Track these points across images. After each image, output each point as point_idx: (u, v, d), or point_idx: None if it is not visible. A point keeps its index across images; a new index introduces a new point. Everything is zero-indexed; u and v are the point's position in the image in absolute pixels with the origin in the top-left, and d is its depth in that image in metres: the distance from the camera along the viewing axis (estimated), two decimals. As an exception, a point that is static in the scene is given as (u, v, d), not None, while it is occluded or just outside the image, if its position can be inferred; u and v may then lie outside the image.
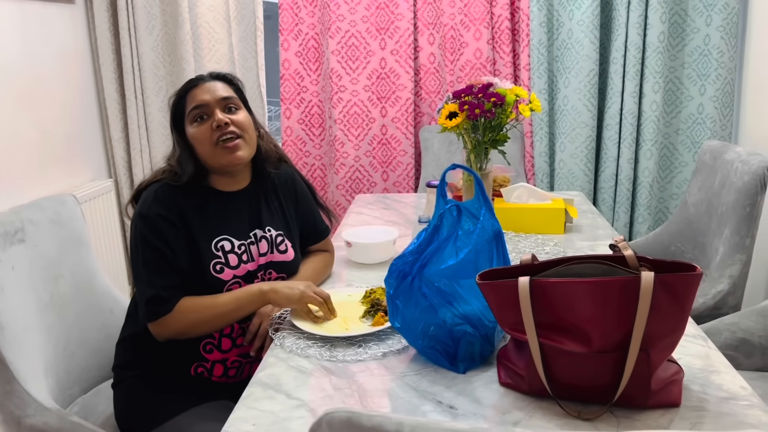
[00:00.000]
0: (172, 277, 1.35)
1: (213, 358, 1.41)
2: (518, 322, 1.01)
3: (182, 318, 1.33)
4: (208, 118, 1.39)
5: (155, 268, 1.34)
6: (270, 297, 1.35)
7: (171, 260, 1.35)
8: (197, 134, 1.39)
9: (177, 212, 1.37)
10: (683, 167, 2.85)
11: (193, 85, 1.42)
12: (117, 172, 3.00)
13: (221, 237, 1.41)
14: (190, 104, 1.40)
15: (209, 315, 1.34)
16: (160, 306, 1.32)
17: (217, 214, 1.43)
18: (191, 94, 1.41)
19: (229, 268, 1.40)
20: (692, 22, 2.71)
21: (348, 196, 3.14)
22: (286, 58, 3.05)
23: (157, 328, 1.34)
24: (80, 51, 2.83)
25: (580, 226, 2.03)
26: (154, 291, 1.32)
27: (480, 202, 1.28)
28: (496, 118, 1.89)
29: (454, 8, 2.92)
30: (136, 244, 1.36)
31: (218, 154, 1.39)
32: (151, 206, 1.36)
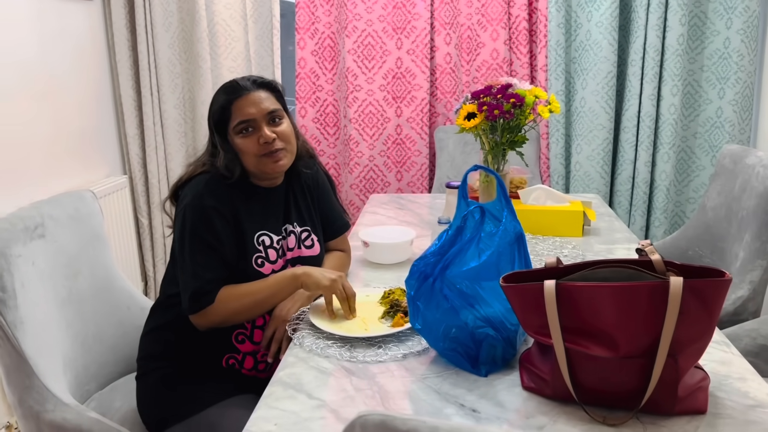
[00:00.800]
0: (217, 270, 1.36)
1: (245, 349, 1.42)
2: (543, 326, 1.00)
3: (223, 308, 1.35)
4: (254, 132, 1.40)
5: (202, 260, 1.35)
6: (302, 280, 1.38)
7: (219, 252, 1.36)
8: (243, 146, 1.40)
9: (229, 205, 1.39)
10: (701, 171, 2.82)
11: (237, 95, 1.40)
12: (132, 169, 3.01)
13: (262, 232, 1.44)
14: (237, 117, 1.40)
15: (248, 303, 1.37)
16: (203, 297, 1.34)
17: (258, 209, 1.45)
18: (237, 106, 1.40)
19: (269, 262, 1.43)
20: (712, 25, 2.68)
21: (362, 195, 3.14)
22: (302, 56, 3.04)
23: (199, 319, 1.36)
24: (97, 47, 2.84)
25: (597, 229, 2.01)
26: (198, 284, 1.33)
27: (502, 204, 1.27)
28: (515, 119, 1.87)
29: (471, 8, 2.90)
30: (183, 234, 1.36)
31: (263, 164, 1.41)
32: (203, 197, 1.36)
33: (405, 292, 1.38)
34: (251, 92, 1.40)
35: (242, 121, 1.39)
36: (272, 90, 1.46)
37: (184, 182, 1.43)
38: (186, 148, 3.07)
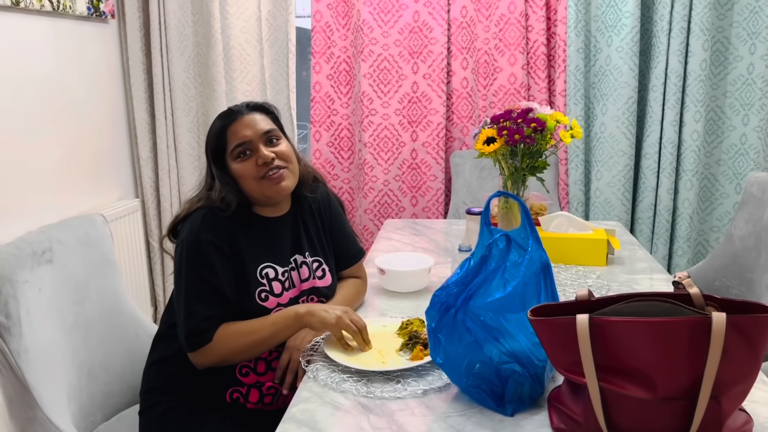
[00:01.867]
0: (214, 307, 1.31)
1: (249, 381, 1.37)
2: (575, 363, 0.94)
3: (221, 347, 1.29)
4: (252, 154, 1.36)
5: (198, 297, 1.30)
6: (306, 320, 1.31)
7: (216, 288, 1.31)
8: (242, 171, 1.36)
9: (227, 239, 1.34)
10: (724, 199, 2.75)
11: (232, 119, 1.37)
12: (144, 192, 2.98)
13: (265, 264, 1.39)
14: (233, 141, 1.36)
15: (248, 342, 1.31)
16: (201, 336, 1.29)
17: (261, 240, 1.40)
18: (232, 130, 1.36)
19: (273, 296, 1.37)
20: (735, 51, 2.64)
21: (376, 220, 3.09)
22: (317, 80, 3.02)
23: (198, 358, 1.31)
24: (112, 70, 2.84)
25: (621, 258, 1.95)
26: (195, 321, 1.29)
27: (527, 232, 1.21)
28: (536, 144, 1.83)
29: (488, 33, 2.88)
30: (179, 270, 1.32)
31: (264, 187, 1.37)
32: (200, 232, 1.32)
33: (423, 322, 1.33)
34: (245, 115, 1.38)
35: (239, 144, 1.35)
36: (267, 112, 1.43)
37: (183, 218, 1.39)
38: (199, 171, 3.05)
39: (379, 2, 2.89)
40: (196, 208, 1.37)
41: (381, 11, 2.90)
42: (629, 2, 2.62)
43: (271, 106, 1.46)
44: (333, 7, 2.96)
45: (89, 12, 2.58)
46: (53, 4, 2.36)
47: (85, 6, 2.56)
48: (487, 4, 2.86)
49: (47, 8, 2.33)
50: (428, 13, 2.90)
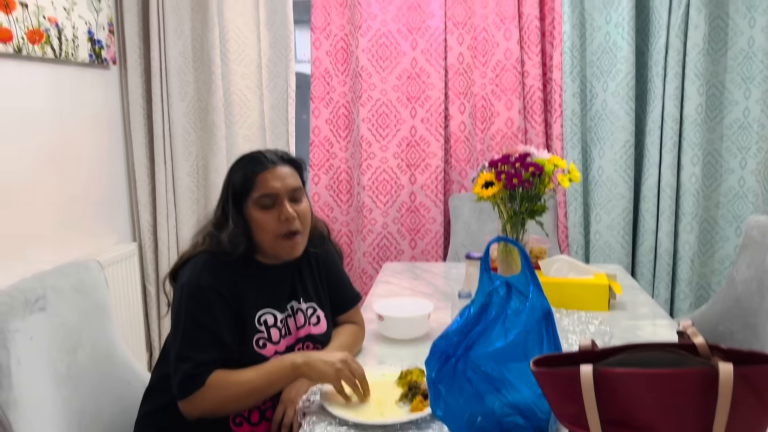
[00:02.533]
0: (210, 352, 1.27)
1: (241, 431, 1.34)
2: (579, 416, 0.91)
3: (212, 394, 1.26)
4: (275, 207, 1.36)
5: (195, 341, 1.27)
6: (303, 371, 1.28)
7: (214, 334, 1.28)
8: (262, 221, 1.36)
9: (229, 284, 1.32)
10: (725, 242, 2.74)
11: (264, 167, 1.37)
12: (142, 236, 2.97)
13: (264, 311, 1.37)
14: (260, 190, 1.35)
15: (240, 391, 1.27)
16: (192, 380, 1.25)
17: (261, 287, 1.39)
18: (262, 178, 1.36)
19: (271, 343, 1.35)
20: (730, 95, 2.66)
21: (375, 263, 3.07)
22: (316, 125, 3.04)
23: (188, 406, 1.27)
24: (112, 115, 2.85)
25: (623, 303, 1.92)
26: (188, 367, 1.25)
27: (527, 278, 1.19)
28: (534, 188, 1.82)
29: (485, 78, 2.91)
30: (178, 314, 1.30)
31: (279, 247, 1.37)
32: (201, 276, 1.30)
33: (423, 372, 1.30)
34: (277, 166, 1.37)
35: (266, 194, 1.35)
36: (296, 167, 1.43)
37: (185, 261, 1.37)
38: (197, 215, 3.04)
39: (378, 49, 2.94)
40: (199, 252, 1.36)
41: (379, 58, 2.94)
42: (624, 48, 2.66)
43: (301, 162, 1.46)
44: (332, 54, 3.00)
45: (91, 59, 2.62)
46: (55, 51, 2.39)
47: (87, 53, 2.59)
48: (483, 51, 2.91)
49: (49, 55, 2.35)
50: (425, 59, 2.94)
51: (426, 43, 2.93)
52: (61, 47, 2.42)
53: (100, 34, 2.68)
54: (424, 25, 2.92)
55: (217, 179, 2.95)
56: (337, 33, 2.99)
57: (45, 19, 2.32)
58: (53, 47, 2.37)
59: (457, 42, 2.93)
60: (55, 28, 2.38)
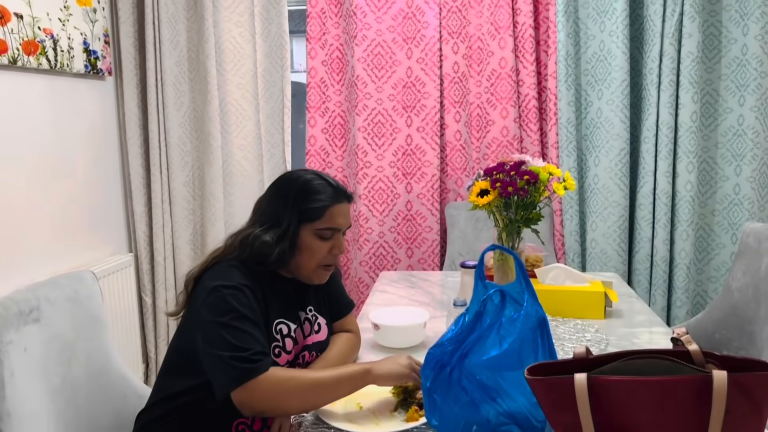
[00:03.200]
0: (263, 345, 1.23)
1: None
2: (574, 424, 0.91)
3: (277, 383, 1.18)
4: (330, 239, 1.39)
5: (245, 335, 1.21)
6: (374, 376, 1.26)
7: (261, 330, 1.25)
8: (315, 249, 1.37)
9: (259, 289, 1.32)
10: (721, 249, 2.74)
11: (338, 201, 1.39)
12: (138, 247, 2.96)
13: (280, 320, 1.36)
14: (328, 222, 1.37)
15: (303, 384, 1.21)
16: (252, 368, 1.17)
17: (278, 298, 1.38)
18: (334, 211, 1.37)
19: (285, 352, 1.34)
20: (725, 102, 2.67)
21: (371, 272, 3.06)
22: (312, 134, 3.05)
23: (246, 394, 1.17)
24: (108, 126, 2.86)
25: (619, 310, 1.92)
26: (246, 354, 1.18)
27: (522, 286, 1.19)
28: (529, 196, 1.83)
29: (480, 87, 2.92)
30: (216, 312, 1.24)
31: (315, 274, 1.40)
32: (235, 278, 1.29)
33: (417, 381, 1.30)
34: (348, 203, 1.42)
35: (332, 228, 1.37)
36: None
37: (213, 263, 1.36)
38: (194, 225, 3.04)
39: (373, 59, 2.95)
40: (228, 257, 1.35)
41: (375, 67, 2.95)
42: (618, 57, 2.67)
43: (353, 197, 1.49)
44: (328, 63, 3.01)
45: (86, 70, 2.62)
46: (51, 62, 2.39)
47: (83, 64, 2.60)
48: (478, 60, 2.92)
49: (45, 66, 2.36)
50: (421, 69, 2.95)
51: (421, 52, 2.94)
52: (56, 58, 2.42)
53: (95, 45, 2.68)
54: (419, 34, 2.94)
55: (214, 189, 2.95)
56: (333, 43, 3.00)
57: (40, 30, 2.33)
58: (48, 58, 2.38)
59: (452, 51, 2.94)
60: (50, 39, 2.39)
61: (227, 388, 1.18)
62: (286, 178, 1.43)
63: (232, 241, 1.39)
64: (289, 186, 1.39)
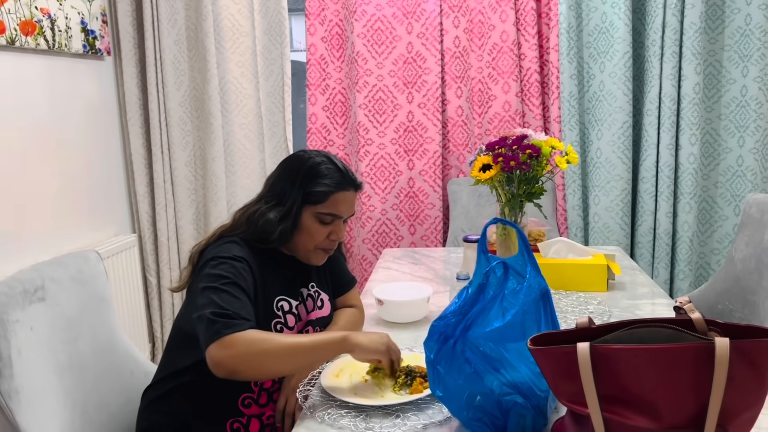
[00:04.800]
0: (248, 312, 1.22)
1: (250, 412, 1.35)
2: (577, 393, 0.91)
3: (251, 342, 1.15)
4: (330, 224, 1.39)
5: (232, 299, 1.21)
6: (352, 345, 1.22)
7: (249, 299, 1.26)
8: (313, 231, 1.38)
9: (256, 266, 1.33)
10: (723, 221, 2.74)
11: (343, 188, 1.39)
12: (141, 227, 2.97)
13: (281, 297, 1.38)
14: (330, 208, 1.38)
15: (279, 346, 1.18)
16: (230, 324, 1.16)
17: (279, 274, 1.40)
18: (337, 197, 1.38)
19: (287, 328, 1.37)
20: (728, 73, 2.65)
21: (374, 250, 3.07)
22: (313, 112, 3.03)
23: (220, 350, 1.14)
24: (108, 106, 2.85)
25: (622, 283, 1.93)
26: (227, 313, 1.18)
27: (525, 259, 1.19)
28: (532, 170, 1.82)
29: (482, 62, 2.90)
30: (210, 278, 1.24)
31: (312, 255, 1.41)
32: (233, 250, 1.31)
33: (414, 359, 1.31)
34: (353, 191, 1.42)
35: (333, 214, 1.38)
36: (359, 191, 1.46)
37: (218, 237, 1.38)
38: (196, 204, 3.04)
39: (373, 35, 2.92)
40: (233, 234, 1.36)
41: (375, 43, 2.93)
42: (620, 29, 2.65)
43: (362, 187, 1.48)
44: (327, 40, 2.99)
45: (85, 50, 2.60)
46: (48, 42, 2.38)
47: (81, 44, 2.58)
48: (479, 34, 2.89)
49: (42, 47, 2.34)
50: (421, 44, 2.92)
51: (421, 27, 2.92)
52: (54, 38, 2.41)
53: (93, 25, 2.66)
54: (419, 9, 2.91)
55: (215, 168, 2.95)
56: (332, 18, 2.98)
57: (37, 10, 2.31)
58: (46, 38, 2.36)
59: (453, 25, 2.91)
60: (47, 18, 2.37)
61: (205, 344, 1.16)
62: (297, 157, 1.43)
63: (239, 216, 1.40)
64: (299, 166, 1.39)
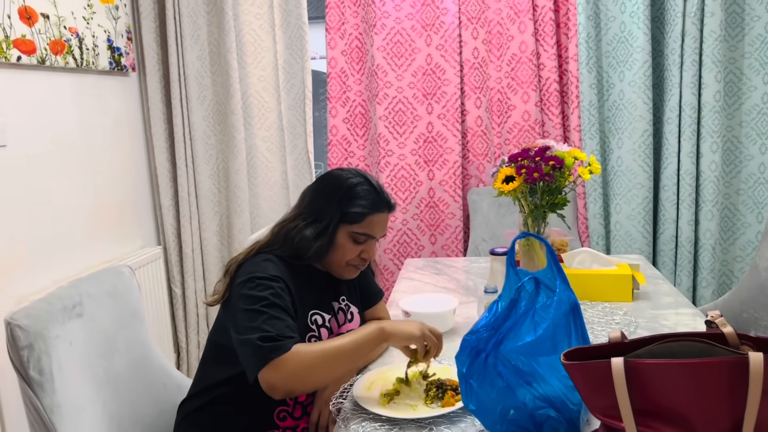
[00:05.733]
0: (291, 330, 1.25)
1: (285, 425, 1.37)
2: (611, 407, 0.93)
3: (300, 359, 1.19)
4: (363, 243, 1.43)
5: (274, 320, 1.24)
6: (388, 333, 1.30)
7: (290, 316, 1.29)
8: (347, 248, 1.42)
9: (292, 282, 1.36)
10: (746, 228, 2.73)
11: (379, 210, 1.43)
12: (166, 239, 3.02)
13: (315, 311, 1.41)
14: (365, 228, 1.41)
15: (326, 355, 1.23)
16: (276, 347, 1.19)
17: (312, 288, 1.43)
18: (373, 219, 1.42)
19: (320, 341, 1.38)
20: (748, 81, 2.65)
21: (396, 260, 3.09)
22: (333, 124, 3.07)
23: (272, 373, 1.18)
24: (133, 121, 2.90)
25: (646, 293, 1.93)
26: (270, 335, 1.21)
27: (554, 272, 1.21)
28: (555, 181, 1.83)
29: (500, 72, 2.92)
30: (250, 299, 1.27)
31: (344, 270, 1.45)
32: (269, 269, 1.34)
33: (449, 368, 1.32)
34: (388, 213, 1.45)
35: (367, 234, 1.42)
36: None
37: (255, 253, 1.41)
38: (220, 216, 3.08)
39: (393, 47, 2.95)
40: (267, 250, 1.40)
41: (394, 56, 2.96)
42: (639, 38, 2.65)
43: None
44: (347, 53, 3.03)
45: (111, 66, 2.66)
46: (77, 61, 2.43)
47: (107, 61, 2.63)
48: (498, 45, 2.91)
49: (71, 65, 2.40)
50: (440, 55, 2.95)
51: (440, 39, 2.94)
52: (82, 56, 2.46)
53: (119, 42, 2.72)
54: (438, 21, 2.93)
55: (238, 181, 2.99)
56: (352, 32, 3.01)
57: (66, 29, 2.37)
58: (75, 57, 2.42)
59: (472, 37, 2.94)
60: (75, 37, 2.43)
61: (256, 369, 1.19)
62: (335, 176, 1.46)
63: (277, 230, 1.44)
64: (337, 185, 1.43)
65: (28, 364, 1.22)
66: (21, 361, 1.22)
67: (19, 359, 1.22)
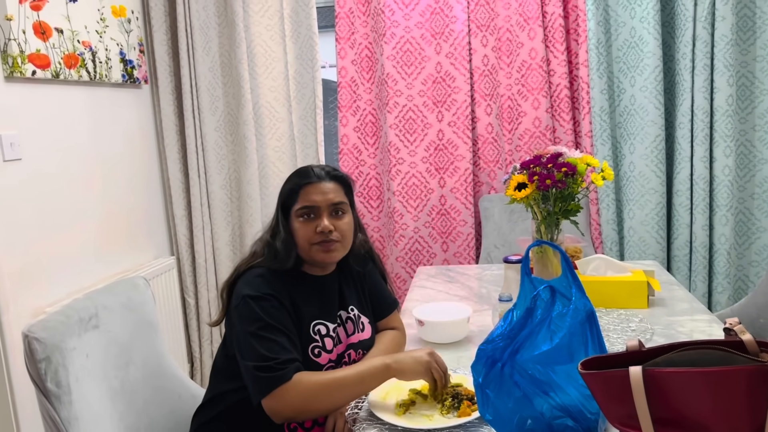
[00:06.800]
0: (290, 352, 1.28)
1: None
2: (630, 416, 0.92)
3: (302, 388, 1.23)
4: (315, 218, 1.40)
5: (272, 345, 1.26)
6: (395, 370, 1.29)
7: (289, 337, 1.30)
8: (300, 230, 1.40)
9: (286, 295, 1.36)
10: (761, 233, 2.70)
11: (308, 181, 1.42)
12: (179, 250, 3.03)
13: (317, 321, 1.41)
14: (302, 202, 1.41)
15: (329, 385, 1.25)
16: (277, 374, 1.22)
17: (312, 298, 1.43)
18: (304, 191, 1.41)
19: (325, 352, 1.39)
20: (761, 84, 2.63)
21: (408, 268, 3.09)
22: (344, 133, 3.08)
23: (273, 402, 1.22)
24: (146, 132, 2.92)
25: (662, 299, 1.92)
26: (270, 363, 1.24)
27: (569, 281, 1.21)
28: (568, 188, 1.83)
29: (510, 79, 2.92)
30: (245, 322, 1.30)
31: (314, 252, 1.40)
32: (261, 287, 1.34)
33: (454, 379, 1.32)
34: (321, 181, 1.42)
35: (305, 206, 1.40)
36: (343, 183, 1.46)
37: (242, 273, 1.42)
38: (232, 227, 3.10)
39: (402, 56, 2.96)
40: (255, 264, 1.40)
41: (404, 64, 2.97)
42: (650, 43, 2.65)
43: (348, 179, 1.49)
44: (357, 62, 3.04)
45: (124, 79, 2.69)
46: (90, 74, 2.46)
47: (120, 74, 2.66)
48: (508, 52, 2.91)
49: (85, 78, 2.42)
50: (450, 63, 2.96)
51: (450, 47, 2.95)
52: (95, 69, 2.49)
53: (131, 55, 2.74)
54: (448, 29, 2.94)
55: (250, 191, 3.00)
56: (362, 42, 3.03)
57: (79, 43, 2.39)
58: (88, 70, 2.44)
59: (481, 44, 2.94)
60: (89, 51, 2.45)
61: (256, 398, 1.24)
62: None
63: (254, 249, 1.46)
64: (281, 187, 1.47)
65: (46, 376, 1.23)
66: (39, 373, 1.23)
67: (36, 372, 1.23)
